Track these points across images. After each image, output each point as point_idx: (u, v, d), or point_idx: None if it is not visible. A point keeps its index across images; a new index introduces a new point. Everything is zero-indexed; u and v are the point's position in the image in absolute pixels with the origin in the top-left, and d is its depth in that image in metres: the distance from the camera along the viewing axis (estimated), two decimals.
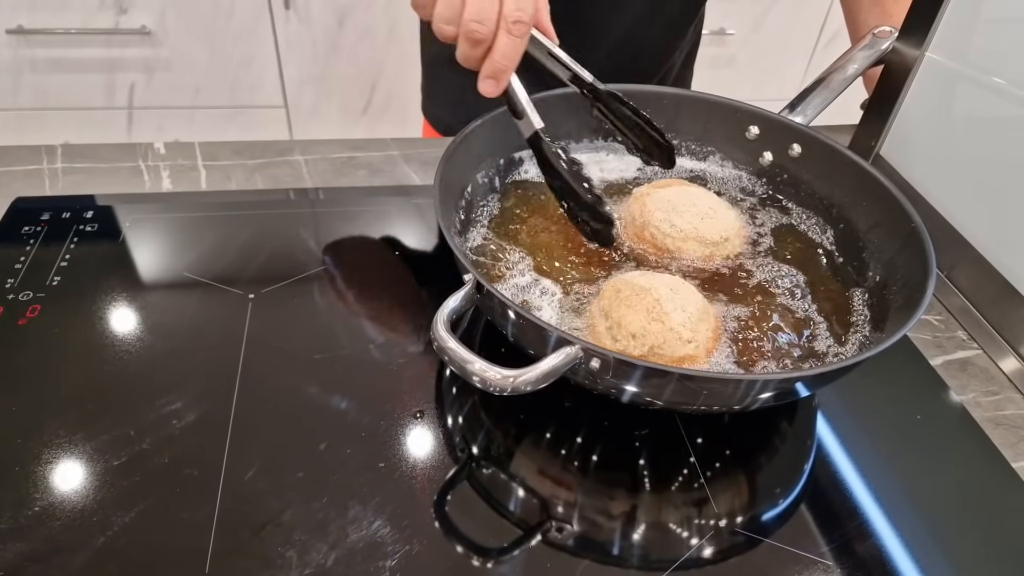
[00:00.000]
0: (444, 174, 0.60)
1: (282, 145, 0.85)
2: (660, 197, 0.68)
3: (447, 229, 0.55)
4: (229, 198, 0.77)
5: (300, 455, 0.54)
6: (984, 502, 0.57)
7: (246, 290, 0.66)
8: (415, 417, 0.57)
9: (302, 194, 0.79)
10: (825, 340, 0.60)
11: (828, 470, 0.58)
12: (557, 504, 0.53)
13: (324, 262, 0.70)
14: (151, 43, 1.83)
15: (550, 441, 0.58)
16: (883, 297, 0.61)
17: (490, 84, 0.55)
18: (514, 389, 0.46)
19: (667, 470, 0.56)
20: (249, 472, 0.53)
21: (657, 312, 0.55)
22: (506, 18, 0.52)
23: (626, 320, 0.55)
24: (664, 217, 0.66)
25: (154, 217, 0.73)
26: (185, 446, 0.54)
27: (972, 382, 0.66)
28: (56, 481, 0.51)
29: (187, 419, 0.56)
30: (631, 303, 0.56)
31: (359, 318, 0.65)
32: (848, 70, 0.81)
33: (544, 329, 0.48)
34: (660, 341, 0.54)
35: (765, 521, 0.54)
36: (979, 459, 0.60)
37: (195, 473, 0.52)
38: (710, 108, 0.76)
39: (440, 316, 0.49)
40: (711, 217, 0.66)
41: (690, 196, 0.68)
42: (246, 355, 0.61)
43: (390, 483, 0.53)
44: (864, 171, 0.67)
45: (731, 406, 0.54)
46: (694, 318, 0.56)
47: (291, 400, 0.58)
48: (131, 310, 0.64)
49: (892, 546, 0.53)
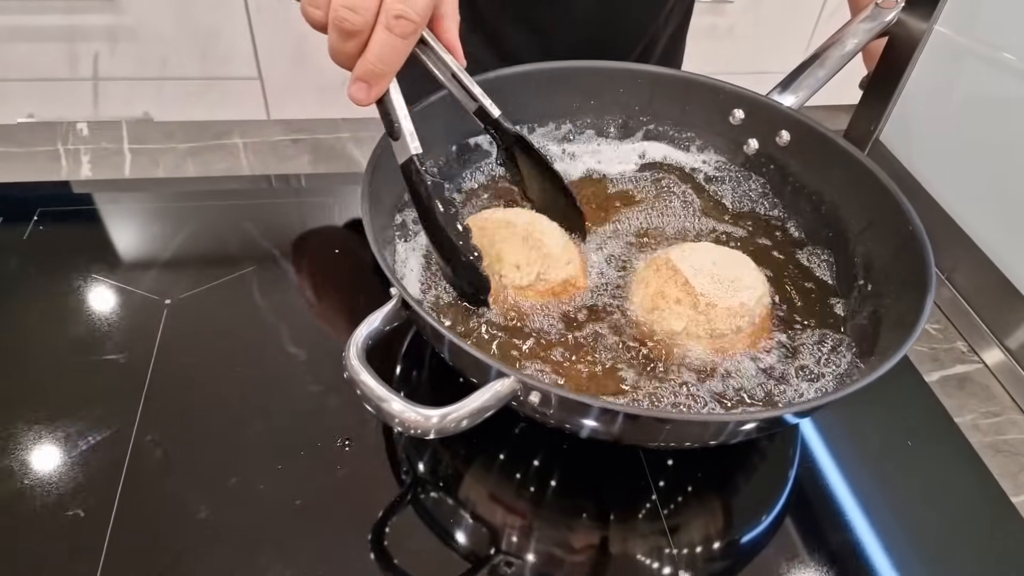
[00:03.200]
0: (373, 180, 0.52)
1: (219, 127, 0.77)
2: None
3: (374, 239, 0.47)
4: (152, 188, 0.70)
5: (205, 491, 0.47)
6: (980, 542, 0.50)
7: (162, 295, 0.59)
8: (341, 445, 0.50)
9: (235, 183, 0.71)
10: (810, 353, 0.53)
11: (806, 502, 0.51)
12: (510, 534, 0.48)
13: (253, 262, 0.63)
14: (113, 9, 1.73)
15: (503, 464, 0.52)
16: (875, 310, 0.54)
17: (360, 89, 0.45)
18: (439, 431, 0.39)
19: (630, 498, 0.50)
20: (145, 511, 0.46)
21: (534, 240, 0.55)
22: (387, 11, 0.42)
23: (505, 253, 0.55)
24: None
25: (66, 210, 0.66)
26: (73, 481, 0.47)
27: (971, 401, 0.59)
28: None
29: (79, 448, 0.49)
30: (503, 237, 0.55)
31: (290, 327, 0.58)
32: (847, 45, 0.73)
33: (477, 359, 0.41)
34: (544, 267, 0.55)
35: (734, 558, 0.48)
36: (975, 493, 0.53)
37: (81, 514, 0.46)
38: (688, 88, 0.68)
39: (354, 341, 0.42)
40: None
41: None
42: (155, 371, 0.54)
43: (308, 524, 0.46)
44: (858, 163, 0.60)
45: (699, 444, 0.48)
46: (564, 242, 0.57)
47: (201, 426, 0.51)
48: (26, 317, 0.57)
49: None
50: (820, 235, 0.63)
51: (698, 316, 0.52)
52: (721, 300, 0.52)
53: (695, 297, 0.52)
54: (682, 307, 0.53)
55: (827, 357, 0.53)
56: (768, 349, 0.54)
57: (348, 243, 0.66)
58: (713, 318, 0.52)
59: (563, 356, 0.52)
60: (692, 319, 0.52)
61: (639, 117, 0.70)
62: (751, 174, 0.68)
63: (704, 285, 0.53)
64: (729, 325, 0.52)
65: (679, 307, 0.53)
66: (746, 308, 0.53)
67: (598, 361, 0.52)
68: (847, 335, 0.55)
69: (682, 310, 0.53)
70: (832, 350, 0.54)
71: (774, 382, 0.51)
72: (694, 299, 0.52)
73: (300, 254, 0.64)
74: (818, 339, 0.55)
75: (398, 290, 0.44)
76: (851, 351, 0.54)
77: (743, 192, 0.67)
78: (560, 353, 0.52)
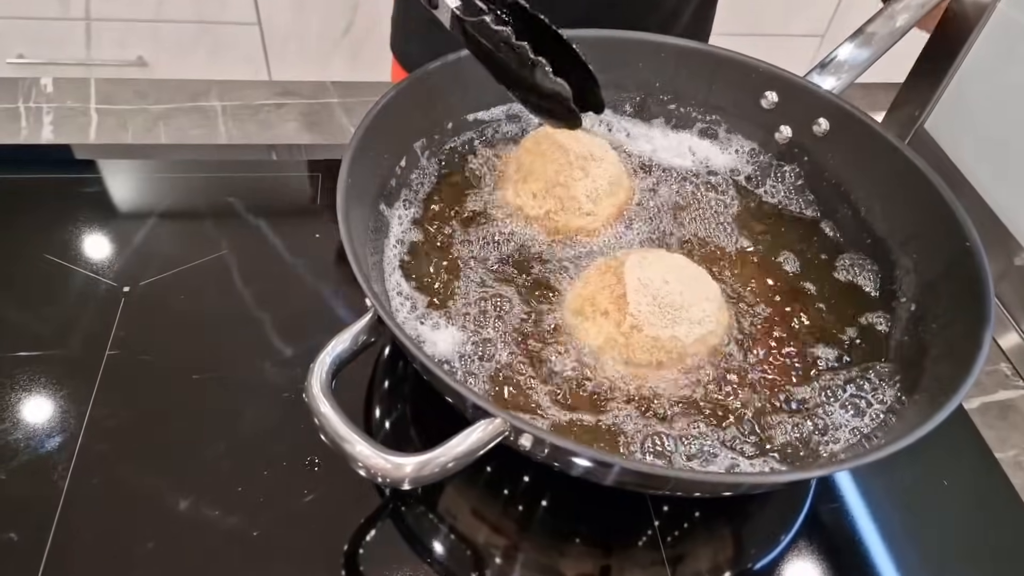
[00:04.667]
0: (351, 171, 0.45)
1: (196, 86, 0.70)
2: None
3: (349, 243, 0.41)
4: (118, 154, 0.63)
5: (153, 517, 0.42)
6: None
7: (121, 281, 0.53)
8: (310, 465, 0.45)
9: (209, 152, 0.65)
10: (839, 392, 0.47)
11: (824, 547, 0.46)
12: (494, 556, 0.43)
13: (226, 245, 0.57)
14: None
15: (489, 480, 0.47)
16: (918, 336, 0.48)
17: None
18: (414, 481, 0.34)
19: (628, 524, 0.45)
20: (84, 538, 0.41)
21: (566, 175, 0.53)
22: None
23: (533, 174, 0.53)
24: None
25: (19, 178, 0.59)
26: (7, 499, 0.42)
27: (1014, 435, 0.54)
28: None
29: (17, 459, 0.44)
30: (547, 156, 0.54)
31: (259, 324, 0.52)
32: (897, 20, 0.65)
33: (461, 394, 0.36)
34: (557, 207, 0.53)
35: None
36: (1019, 544, 0.48)
37: (14, 538, 0.41)
38: (718, 65, 0.61)
39: (317, 368, 0.36)
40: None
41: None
42: (107, 370, 0.48)
43: (267, 560, 0.41)
44: (908, 163, 0.52)
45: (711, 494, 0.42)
46: (602, 191, 0.54)
47: (152, 439, 0.46)
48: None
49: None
50: (860, 241, 0.56)
51: (617, 337, 0.46)
52: (650, 327, 0.45)
53: (623, 315, 0.45)
54: (606, 321, 0.46)
55: (866, 392, 0.47)
56: (809, 383, 0.48)
57: (331, 228, 0.60)
58: (632, 344, 0.45)
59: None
60: (610, 339, 0.46)
61: (659, 96, 0.63)
62: (783, 165, 0.61)
63: (640, 304, 0.45)
64: (649, 356, 0.46)
65: (603, 320, 0.46)
66: (677, 343, 0.46)
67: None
68: (892, 358, 0.49)
69: (604, 325, 0.46)
70: (864, 379, 0.48)
71: (807, 414, 0.46)
72: (621, 316, 0.46)
73: (278, 237, 0.58)
74: (857, 373, 0.48)
75: (373, 303, 0.38)
76: (895, 379, 0.47)
77: (771, 186, 0.60)
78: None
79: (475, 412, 0.36)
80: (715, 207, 0.59)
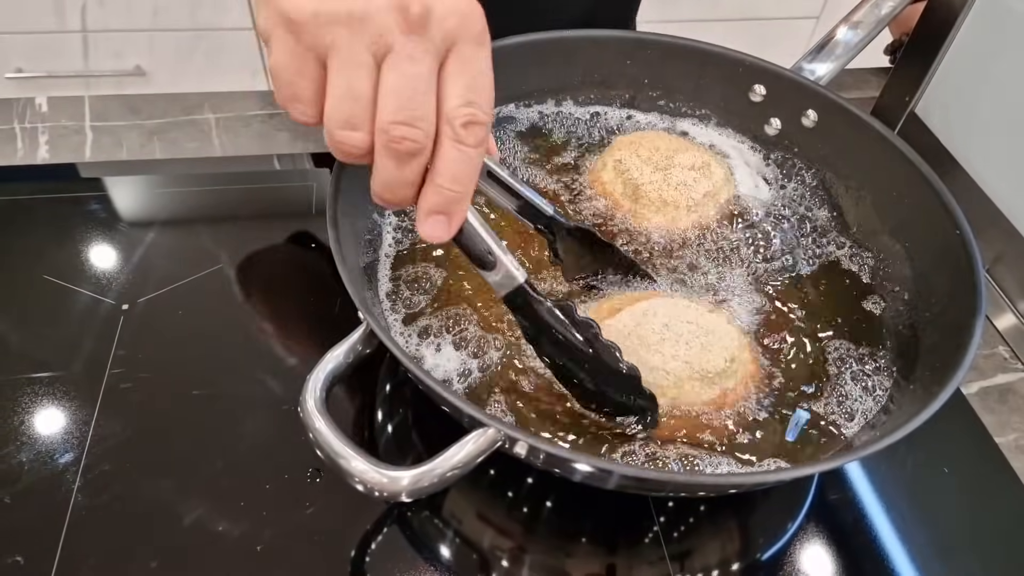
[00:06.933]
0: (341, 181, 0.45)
1: (189, 99, 0.70)
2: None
3: (338, 253, 0.41)
4: (114, 171, 0.63)
5: (156, 533, 0.43)
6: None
7: (120, 299, 0.54)
8: (312, 477, 0.46)
9: (205, 165, 0.65)
10: (838, 386, 0.47)
11: (829, 536, 0.46)
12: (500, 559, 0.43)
13: (223, 259, 0.57)
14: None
15: (493, 484, 0.47)
16: (912, 326, 0.48)
17: (438, 224, 0.34)
18: (411, 494, 0.34)
19: (634, 522, 0.46)
20: (90, 559, 0.42)
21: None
22: (452, 119, 0.32)
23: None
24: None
25: (17, 199, 0.60)
26: (12, 521, 0.43)
27: (1014, 418, 0.54)
28: None
29: (21, 482, 0.44)
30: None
31: (257, 336, 0.53)
32: (883, 7, 0.65)
33: (454, 404, 0.36)
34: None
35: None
36: (1020, 527, 0.48)
37: (20, 561, 0.41)
38: (705, 60, 0.61)
39: (312, 382, 0.36)
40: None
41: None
42: (108, 389, 0.49)
43: (272, 566, 0.42)
44: (898, 152, 0.52)
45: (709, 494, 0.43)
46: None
47: (155, 457, 0.46)
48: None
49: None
50: (851, 230, 0.56)
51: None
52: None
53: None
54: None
55: (864, 380, 0.47)
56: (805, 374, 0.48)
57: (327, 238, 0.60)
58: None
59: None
60: None
61: (648, 92, 0.63)
62: (774, 156, 0.61)
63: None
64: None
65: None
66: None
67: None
68: (886, 348, 0.49)
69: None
70: (860, 368, 0.48)
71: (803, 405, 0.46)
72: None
73: (279, 250, 0.59)
74: (854, 362, 0.48)
75: (364, 315, 0.39)
76: (892, 367, 0.48)
77: (764, 178, 0.60)
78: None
79: (470, 422, 0.36)
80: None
